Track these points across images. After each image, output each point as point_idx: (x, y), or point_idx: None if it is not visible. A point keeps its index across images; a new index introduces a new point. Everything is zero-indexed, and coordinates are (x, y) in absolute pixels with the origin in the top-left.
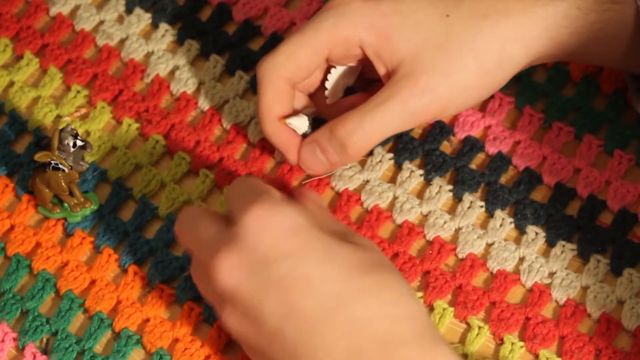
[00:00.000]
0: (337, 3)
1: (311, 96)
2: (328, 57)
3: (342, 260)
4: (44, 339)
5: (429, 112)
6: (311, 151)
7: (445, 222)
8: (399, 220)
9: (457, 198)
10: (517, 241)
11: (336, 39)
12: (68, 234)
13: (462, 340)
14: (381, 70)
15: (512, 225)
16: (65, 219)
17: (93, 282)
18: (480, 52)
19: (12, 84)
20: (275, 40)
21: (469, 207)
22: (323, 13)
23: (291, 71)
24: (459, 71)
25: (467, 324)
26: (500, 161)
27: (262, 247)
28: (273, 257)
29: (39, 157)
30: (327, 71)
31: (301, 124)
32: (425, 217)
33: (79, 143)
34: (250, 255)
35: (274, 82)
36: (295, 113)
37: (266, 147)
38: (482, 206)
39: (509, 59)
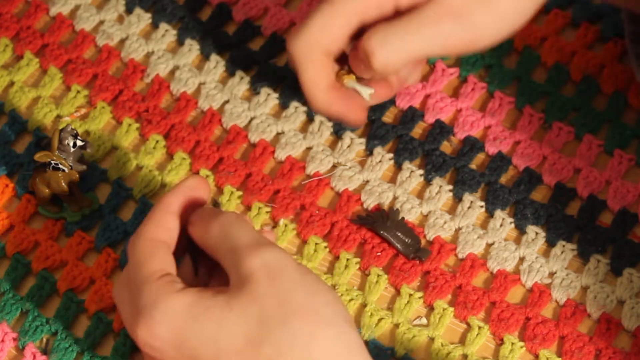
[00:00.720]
0: None
1: None
2: (361, 22)
3: (232, 346)
4: (44, 339)
5: (460, 40)
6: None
7: (445, 222)
8: None
9: (457, 198)
10: (517, 241)
11: (369, 2)
12: (68, 234)
13: (462, 340)
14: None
15: (512, 225)
16: (65, 219)
17: (93, 282)
18: None
19: (12, 84)
20: (275, 40)
21: (469, 207)
22: None
23: (327, 43)
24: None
25: (467, 324)
26: (500, 161)
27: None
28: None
29: (39, 157)
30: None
31: (362, 86)
32: (426, 217)
33: (79, 143)
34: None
35: (311, 57)
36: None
37: (266, 147)
38: (482, 206)
39: None
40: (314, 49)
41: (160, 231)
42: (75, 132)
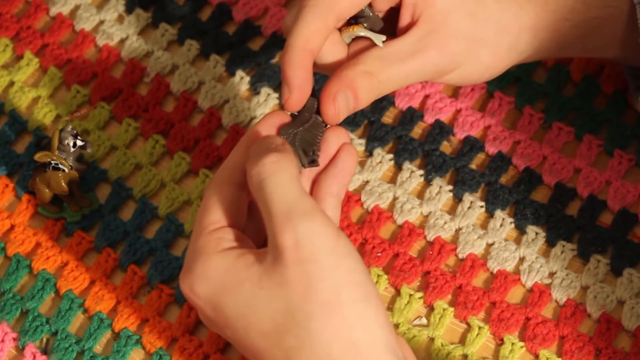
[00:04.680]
0: None
1: None
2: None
3: (259, 327)
4: (44, 339)
5: (442, 72)
6: (344, 98)
7: (445, 223)
8: (400, 220)
9: (457, 198)
10: (517, 241)
11: None
12: (68, 234)
13: (462, 340)
14: (405, 19)
15: (512, 225)
16: (65, 219)
17: (93, 282)
18: (501, 30)
19: (12, 84)
20: (275, 40)
21: (469, 207)
22: None
23: (345, 4)
24: (481, 44)
25: (467, 324)
26: (500, 161)
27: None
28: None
29: (39, 157)
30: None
31: (374, 33)
32: (426, 217)
33: (79, 143)
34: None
35: (324, 14)
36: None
37: None
38: (482, 206)
39: (518, 46)
40: (330, 7)
41: (236, 174)
42: (75, 132)
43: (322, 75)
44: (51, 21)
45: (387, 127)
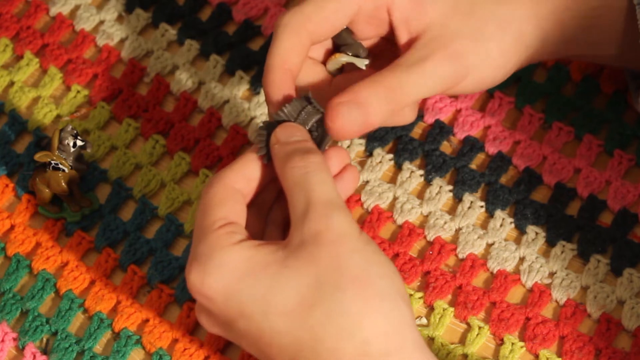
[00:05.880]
0: None
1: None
2: (352, 19)
3: (282, 305)
4: (44, 339)
5: (456, 78)
6: (347, 110)
7: (445, 223)
8: (400, 220)
9: (458, 198)
10: (517, 241)
11: None
12: (68, 234)
13: (462, 340)
14: (403, 38)
15: (512, 225)
16: (65, 219)
17: (93, 282)
18: (502, 24)
19: (12, 84)
20: None
21: (469, 207)
22: None
23: (316, 23)
24: (485, 39)
25: (467, 324)
26: (500, 161)
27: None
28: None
29: (39, 157)
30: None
31: (356, 58)
32: (426, 217)
33: (79, 143)
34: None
35: (296, 32)
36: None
37: None
38: (482, 206)
39: (523, 39)
40: (302, 25)
41: (238, 179)
42: (75, 132)
43: None
44: (51, 21)
45: (387, 127)
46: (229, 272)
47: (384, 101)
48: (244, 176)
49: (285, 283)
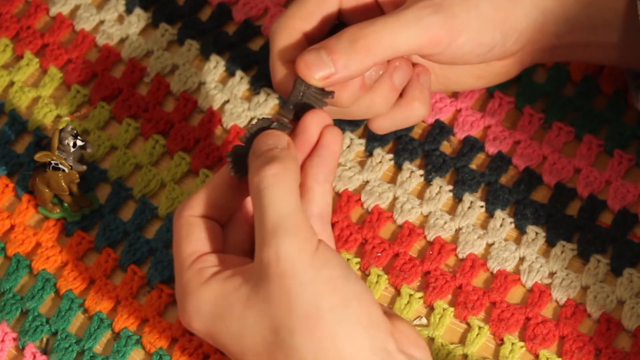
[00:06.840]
0: None
1: None
2: (340, 7)
3: (252, 349)
4: (44, 339)
5: (441, 30)
6: (316, 53)
7: (445, 223)
8: (400, 220)
9: (457, 198)
10: (517, 241)
11: None
12: (68, 234)
13: (462, 340)
14: (389, 7)
15: (512, 225)
16: (65, 219)
17: (93, 282)
18: None
19: (12, 84)
20: None
21: (469, 207)
22: None
23: (303, 19)
24: None
25: (467, 324)
26: (500, 161)
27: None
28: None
29: (39, 157)
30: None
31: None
32: (426, 217)
33: (79, 143)
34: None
35: (287, 30)
36: None
37: None
38: (482, 206)
39: (521, 1)
40: (289, 24)
41: (200, 207)
42: (75, 132)
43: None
44: (51, 21)
45: None
46: (204, 316)
47: (354, 48)
48: (207, 202)
49: (252, 326)
